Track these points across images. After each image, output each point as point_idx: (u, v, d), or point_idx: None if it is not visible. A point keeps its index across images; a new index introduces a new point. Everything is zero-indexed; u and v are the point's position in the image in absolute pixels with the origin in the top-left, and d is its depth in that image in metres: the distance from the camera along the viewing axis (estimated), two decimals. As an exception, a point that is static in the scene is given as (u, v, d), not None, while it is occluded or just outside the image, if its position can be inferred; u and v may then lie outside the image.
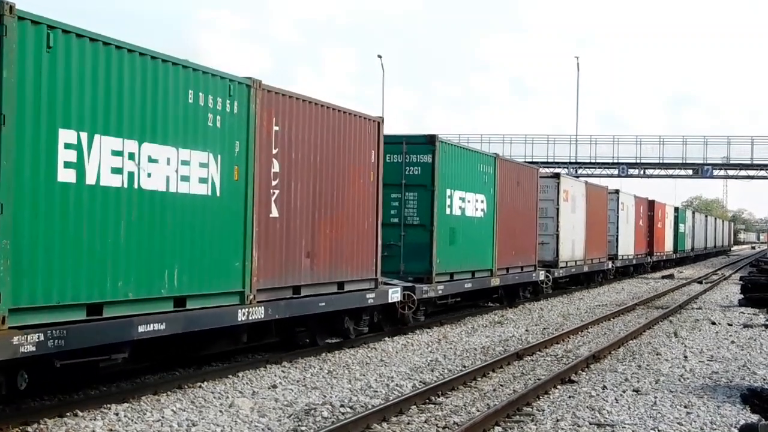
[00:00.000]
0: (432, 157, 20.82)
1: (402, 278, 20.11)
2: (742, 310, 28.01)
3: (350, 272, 17.07)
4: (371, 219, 17.89)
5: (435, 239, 20.86)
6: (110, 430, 10.61)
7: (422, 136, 21.22)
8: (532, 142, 67.91)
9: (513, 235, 26.69)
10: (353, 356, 16.68)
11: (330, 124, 16.25)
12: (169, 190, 12.03)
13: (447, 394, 13.29)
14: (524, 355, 17.29)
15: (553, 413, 12.11)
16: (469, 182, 23.25)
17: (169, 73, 12.06)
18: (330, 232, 16.28)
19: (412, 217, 20.86)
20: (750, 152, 65.08)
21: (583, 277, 37.46)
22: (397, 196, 20.81)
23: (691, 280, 45.19)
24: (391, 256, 20.25)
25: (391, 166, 20.24)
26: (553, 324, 23.40)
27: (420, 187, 20.88)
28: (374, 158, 18.00)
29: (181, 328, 12.30)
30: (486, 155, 25.38)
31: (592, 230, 36.87)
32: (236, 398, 12.48)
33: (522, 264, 27.90)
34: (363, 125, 17.53)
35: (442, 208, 21.31)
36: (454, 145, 22.73)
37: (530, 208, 28.87)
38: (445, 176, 21.40)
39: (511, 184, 26.71)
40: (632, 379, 14.97)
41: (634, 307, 28.97)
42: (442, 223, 21.30)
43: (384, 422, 11.30)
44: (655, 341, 20.09)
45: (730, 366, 16.65)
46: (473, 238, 23.53)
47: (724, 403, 12.96)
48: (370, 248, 17.84)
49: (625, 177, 67.05)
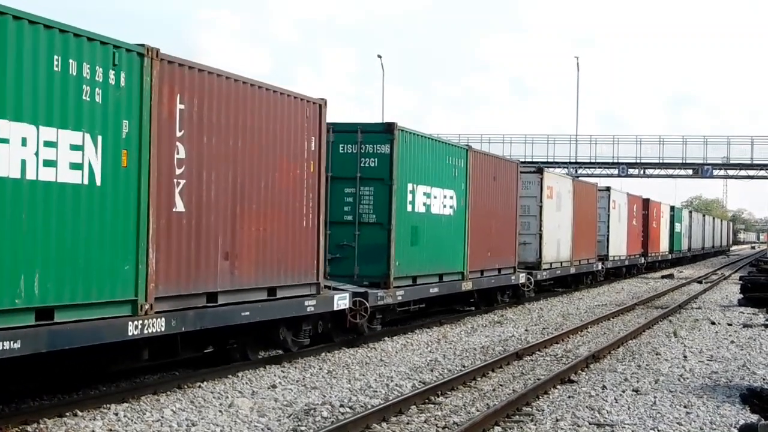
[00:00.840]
0: (390, 148, 18.59)
1: (356, 283, 18.22)
2: (741, 310, 28.02)
3: (284, 276, 14.82)
4: (312, 216, 15.61)
5: (393, 239, 18.75)
6: (110, 429, 10.61)
7: (379, 123, 19.36)
8: (532, 142, 67.97)
9: (488, 234, 24.68)
10: (353, 356, 16.68)
11: (257, 105, 13.91)
12: (25, 177, 9.77)
13: (447, 394, 13.29)
14: (524, 355, 17.29)
15: (553, 413, 12.11)
16: (436, 176, 21.10)
17: (24, 33, 9.76)
18: (257, 230, 13.98)
19: (368, 215, 18.74)
20: (750, 152, 65.20)
21: (571, 279, 35.43)
22: (351, 191, 18.74)
23: (691, 279, 45.18)
24: (344, 258, 18.62)
25: (344, 158, 18.62)
26: (552, 324, 23.40)
27: (377, 181, 18.71)
28: (315, 146, 15.58)
29: (45, 347, 10.02)
30: (456, 147, 22.95)
31: (580, 229, 34.89)
32: (236, 398, 12.48)
33: (499, 266, 25.91)
34: (300, 108, 15.16)
35: (402, 205, 19.23)
36: (418, 135, 20.13)
37: (509, 206, 26.77)
38: (406, 169, 19.30)
39: (487, 179, 24.63)
40: (632, 379, 14.97)
41: (634, 306, 28.97)
42: (403, 221, 19.27)
43: (384, 422, 11.30)
44: (654, 341, 20.09)
45: (729, 366, 16.65)
46: (440, 237, 21.45)
47: (724, 403, 12.97)
48: (310, 249, 15.57)
49: (625, 177, 67.11)
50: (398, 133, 18.77)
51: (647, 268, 51.19)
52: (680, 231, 62.93)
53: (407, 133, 19.38)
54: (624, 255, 44.45)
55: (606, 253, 40.54)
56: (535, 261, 29.94)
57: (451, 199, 22.10)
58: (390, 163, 18.63)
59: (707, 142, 66.05)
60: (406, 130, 19.26)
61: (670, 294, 35.52)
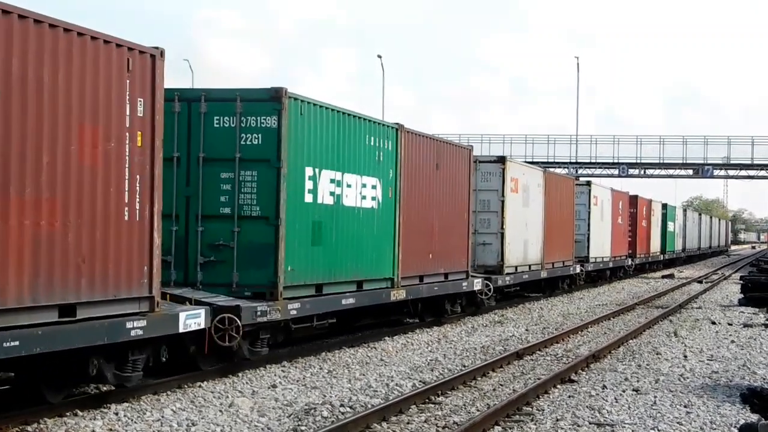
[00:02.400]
0: (278, 120, 14.74)
1: (236, 293, 14.56)
2: (742, 310, 28.03)
3: (89, 289, 10.84)
4: (141, 206, 11.71)
5: (283, 237, 14.82)
6: (110, 429, 10.62)
7: (263, 89, 14.98)
8: (533, 142, 68.02)
9: (429, 233, 20.67)
10: (353, 356, 16.68)
11: (32, 48, 9.99)
12: None
13: (447, 394, 13.29)
14: (524, 355, 17.29)
15: (553, 413, 12.11)
16: (351, 160, 17.08)
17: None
18: (34, 224, 10.06)
19: (251, 206, 14.84)
20: (750, 152, 65.20)
21: (544, 284, 31.81)
22: (229, 177, 14.84)
23: (691, 279, 45.19)
24: (219, 263, 14.78)
25: (220, 134, 14.83)
26: (553, 323, 23.41)
27: (262, 163, 14.82)
28: (144, 111, 11.70)
29: None
30: (382, 124, 18.75)
31: (553, 228, 30.92)
32: (236, 398, 12.48)
33: (446, 270, 21.81)
34: (115, 58, 11.21)
35: (297, 194, 15.34)
36: (320, 106, 16.01)
37: (458, 199, 22.61)
38: (302, 148, 15.42)
39: (426, 166, 20.56)
40: (632, 378, 14.97)
41: (634, 306, 29.00)
42: (299, 214, 15.38)
43: (384, 422, 11.30)
44: (655, 341, 20.10)
45: (730, 365, 16.65)
46: (358, 236, 17.45)
47: (724, 403, 12.97)
48: (137, 251, 11.65)
49: (625, 177, 67.15)
50: (289, 101, 14.90)
51: (636, 270, 48.16)
52: (673, 230, 60.12)
53: (304, 103, 15.42)
54: (608, 256, 40.66)
55: (586, 254, 36.82)
56: (496, 264, 25.91)
57: (374, 189, 18.09)
58: (278, 139, 14.77)
59: (707, 142, 66.11)
60: (302, 99, 15.34)
61: (670, 294, 35.54)
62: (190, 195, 14.92)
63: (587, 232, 36.89)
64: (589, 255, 37.04)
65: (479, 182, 25.42)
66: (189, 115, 14.93)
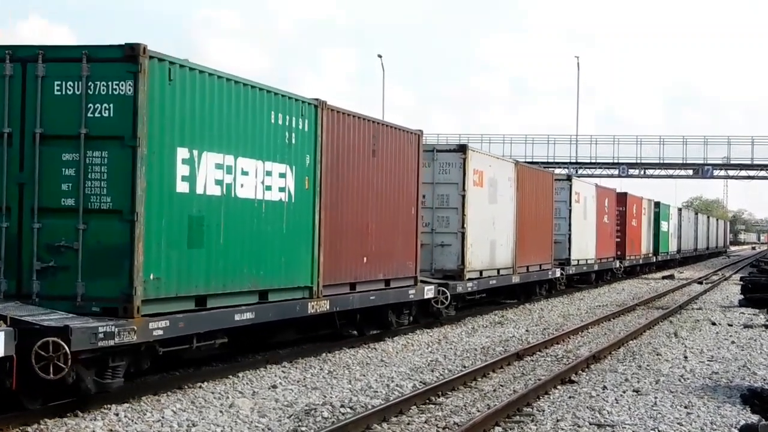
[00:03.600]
0: (134, 86, 11.46)
1: (80, 309, 11.37)
2: (742, 311, 28.01)
3: None
4: None
5: (141, 236, 11.56)
6: (110, 430, 10.63)
7: (116, 46, 11.63)
8: (533, 142, 68.08)
9: (362, 232, 17.47)
10: (353, 356, 16.68)
11: None
12: None
13: (447, 395, 13.30)
14: (524, 356, 17.29)
15: (554, 413, 12.12)
16: (247, 141, 13.77)
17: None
18: None
19: (99, 197, 11.60)
20: (750, 152, 65.37)
21: (519, 289, 28.78)
22: (72, 158, 11.63)
23: (692, 280, 45.18)
24: (61, 269, 11.56)
25: (61, 103, 11.64)
26: (553, 324, 23.41)
27: (113, 141, 11.57)
28: None
29: None
30: (292, 98, 15.02)
31: (527, 228, 27.81)
32: (236, 398, 12.49)
33: (388, 276, 18.65)
34: None
35: (164, 181, 12.06)
36: (199, 71, 12.67)
37: (404, 192, 19.33)
38: (172, 123, 12.14)
39: (358, 153, 17.23)
40: (632, 379, 14.98)
41: (635, 307, 28.99)
42: (167, 207, 12.12)
43: (384, 422, 11.31)
44: (655, 341, 20.10)
45: (730, 366, 16.66)
46: (259, 235, 14.14)
47: (725, 404, 12.98)
48: None
49: (625, 177, 67.22)
50: (151, 62, 11.64)
51: (625, 273, 44.83)
52: (667, 230, 56.88)
53: (174, 66, 12.14)
54: (592, 258, 37.35)
55: (567, 256, 33.65)
56: (456, 268, 22.70)
57: (283, 179, 14.78)
58: (134, 110, 11.49)
59: (707, 142, 66.22)
60: (171, 60, 12.06)
61: (670, 295, 35.53)
62: (25, 182, 11.74)
63: (568, 232, 33.80)
64: (570, 257, 33.97)
65: (437, 174, 22.50)
66: (23, 79, 11.74)
